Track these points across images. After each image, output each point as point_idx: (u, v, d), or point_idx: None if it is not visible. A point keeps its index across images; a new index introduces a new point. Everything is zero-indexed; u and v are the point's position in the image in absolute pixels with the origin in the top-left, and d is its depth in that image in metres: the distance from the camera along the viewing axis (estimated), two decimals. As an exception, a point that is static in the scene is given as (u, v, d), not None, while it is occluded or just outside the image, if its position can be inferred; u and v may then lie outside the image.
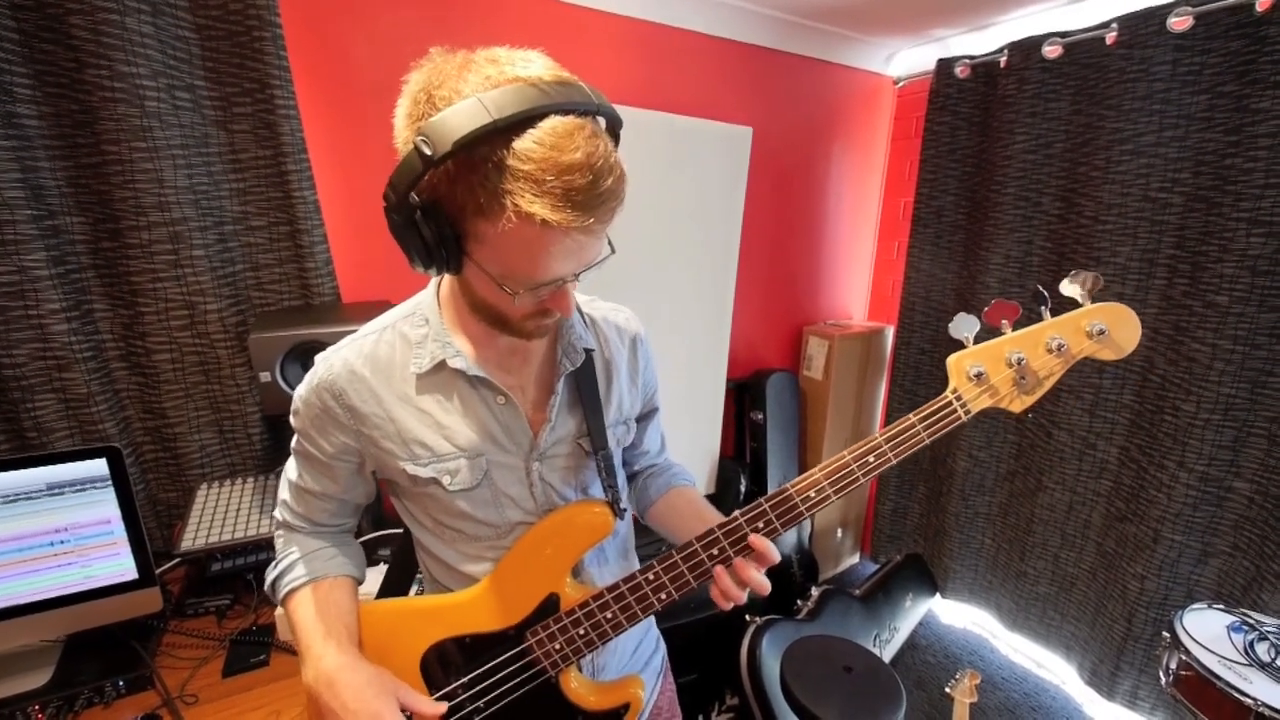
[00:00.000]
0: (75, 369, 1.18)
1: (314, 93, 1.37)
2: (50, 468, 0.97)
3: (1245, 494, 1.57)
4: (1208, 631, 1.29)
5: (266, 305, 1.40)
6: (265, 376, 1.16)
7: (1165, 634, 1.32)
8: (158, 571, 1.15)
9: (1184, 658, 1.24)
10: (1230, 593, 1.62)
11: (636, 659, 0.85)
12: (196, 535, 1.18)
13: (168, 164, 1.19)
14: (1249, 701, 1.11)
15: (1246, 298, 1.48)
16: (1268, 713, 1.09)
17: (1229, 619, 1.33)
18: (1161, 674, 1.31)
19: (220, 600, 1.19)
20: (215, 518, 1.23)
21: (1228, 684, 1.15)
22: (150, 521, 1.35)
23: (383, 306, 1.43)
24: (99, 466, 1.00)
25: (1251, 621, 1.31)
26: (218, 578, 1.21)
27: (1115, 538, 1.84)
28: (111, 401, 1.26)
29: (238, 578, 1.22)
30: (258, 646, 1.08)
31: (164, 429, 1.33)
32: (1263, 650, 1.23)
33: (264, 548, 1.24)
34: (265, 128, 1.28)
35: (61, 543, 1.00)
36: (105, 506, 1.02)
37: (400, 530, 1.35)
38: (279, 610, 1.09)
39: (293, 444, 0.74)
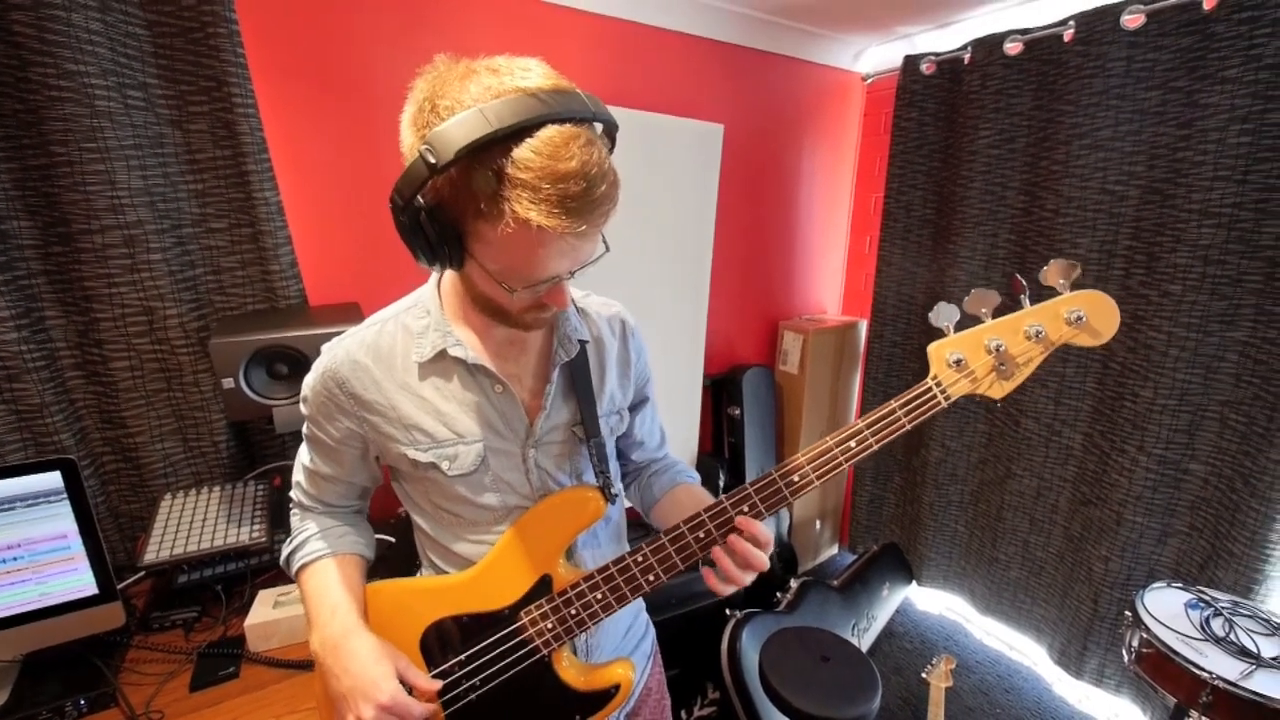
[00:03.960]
0: (27, 379, 1.14)
1: (275, 91, 1.34)
2: (1, 482, 0.93)
3: (1200, 475, 1.63)
4: (1167, 609, 1.34)
5: (230, 309, 1.36)
6: (229, 382, 1.13)
7: (1127, 613, 1.36)
8: (120, 586, 1.12)
9: (1145, 635, 1.28)
10: (1188, 571, 1.68)
11: (628, 641, 0.88)
12: (161, 547, 1.15)
13: (120, 165, 1.15)
14: (1205, 675, 1.15)
15: (1199, 286, 1.53)
16: (1222, 685, 1.13)
17: (1186, 596, 1.38)
18: (1124, 652, 1.36)
19: (187, 613, 1.15)
20: (181, 528, 1.19)
21: (1185, 659, 1.19)
22: (112, 534, 1.31)
23: (352, 309, 1.41)
24: (53, 479, 0.96)
25: (1207, 598, 1.36)
26: (185, 590, 1.18)
27: (1081, 521, 1.89)
28: (67, 412, 1.22)
29: (206, 589, 1.19)
30: (227, 659, 1.05)
31: (124, 439, 1.29)
32: (1217, 625, 1.28)
33: (233, 558, 1.21)
34: (223, 127, 1.25)
35: (15, 559, 0.96)
36: (61, 521, 0.98)
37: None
38: (249, 621, 1.07)
39: (303, 429, 0.77)
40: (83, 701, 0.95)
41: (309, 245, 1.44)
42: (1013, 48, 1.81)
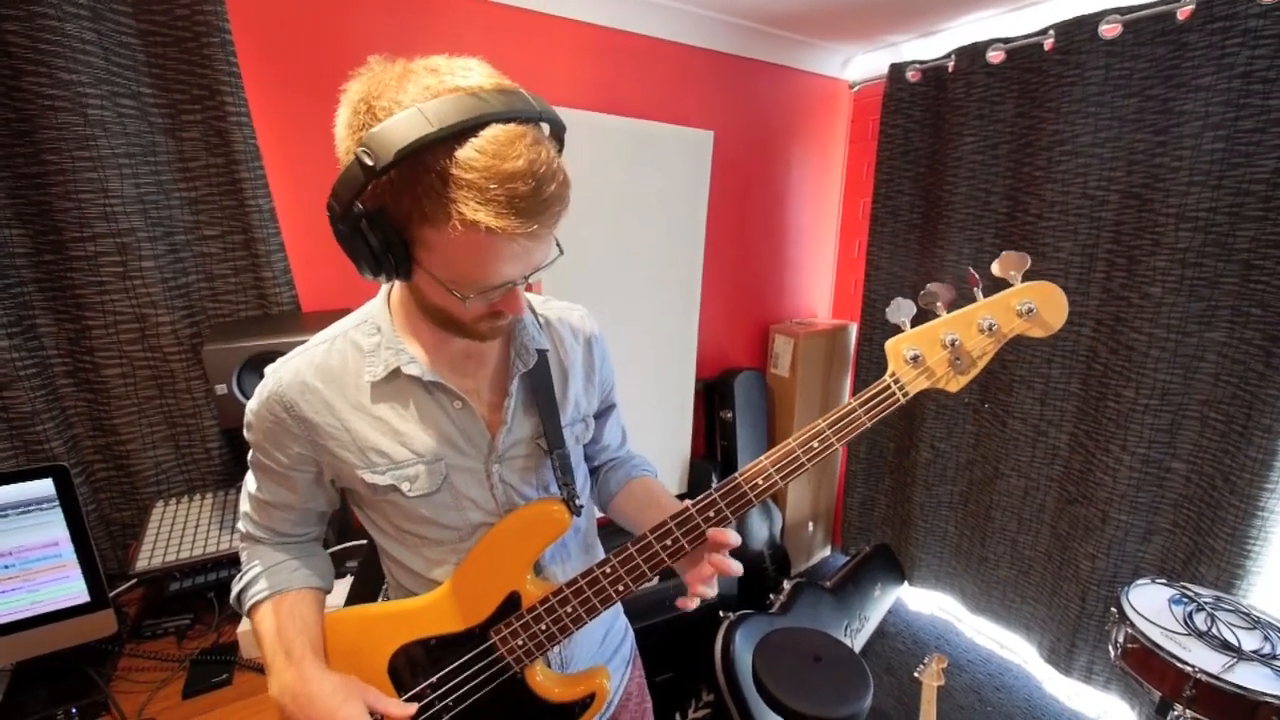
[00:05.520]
0: (17, 386, 1.14)
1: (267, 99, 1.35)
2: (-8, 490, 0.93)
3: (1182, 473, 1.66)
4: (1151, 605, 1.36)
5: (222, 316, 1.37)
6: (221, 389, 1.13)
7: (1113, 609, 1.38)
8: (113, 594, 1.12)
9: (1130, 631, 1.30)
10: (1172, 567, 1.71)
11: (605, 648, 0.87)
12: (153, 554, 1.14)
13: (113, 173, 1.16)
14: (1188, 669, 1.18)
15: (1178, 288, 1.57)
16: (1205, 679, 1.16)
17: (1170, 592, 1.40)
18: (1111, 647, 1.38)
19: (180, 620, 1.15)
20: (173, 536, 1.19)
21: (1169, 653, 1.21)
22: (103, 542, 1.31)
23: (345, 315, 1.41)
24: (45, 487, 0.96)
25: (1190, 594, 1.38)
26: (177, 597, 1.18)
27: (1068, 520, 1.92)
28: (58, 419, 1.22)
29: (199, 596, 1.19)
30: (220, 666, 1.05)
31: (115, 446, 1.29)
32: (1200, 620, 1.30)
33: (226, 564, 1.21)
34: (216, 135, 1.25)
35: (5, 567, 0.96)
36: (53, 528, 0.98)
37: (365, 542, 1.34)
38: (242, 628, 1.07)
39: (249, 457, 0.73)
40: (74, 710, 0.95)
41: (302, 252, 1.44)
42: (995, 56, 1.85)
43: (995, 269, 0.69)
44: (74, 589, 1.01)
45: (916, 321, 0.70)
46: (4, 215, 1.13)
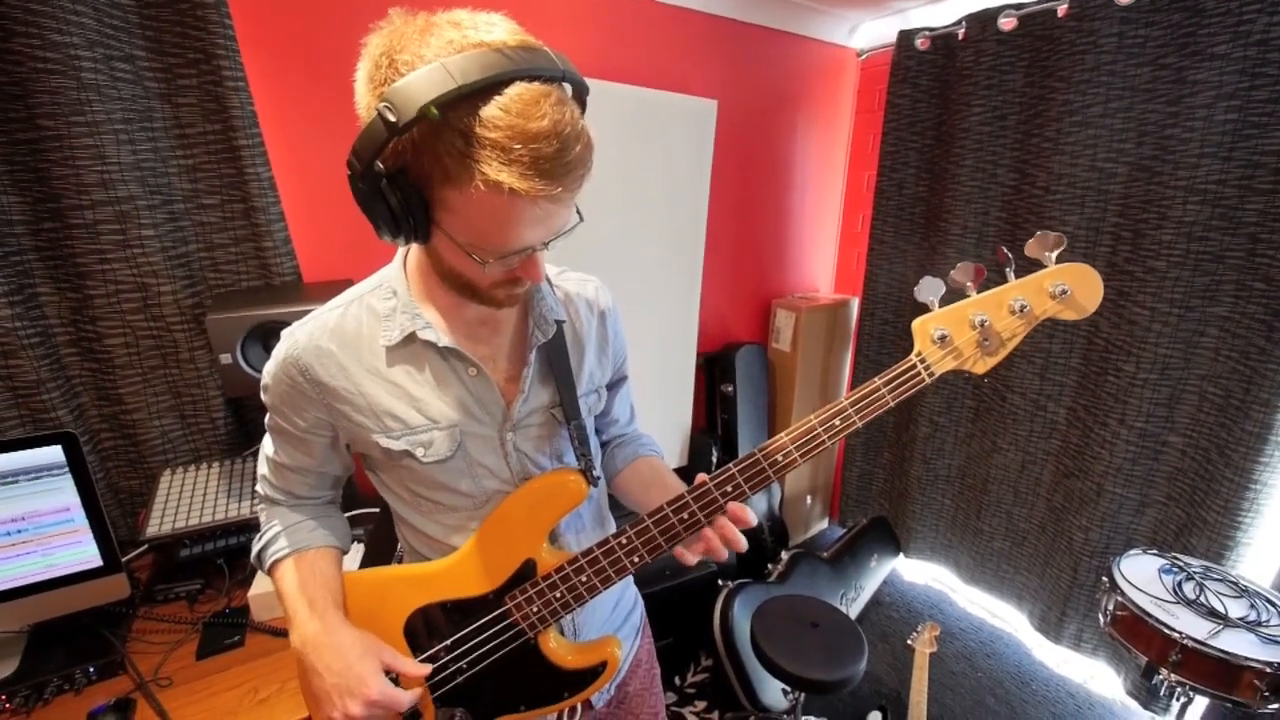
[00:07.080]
0: (21, 355, 1.14)
1: (265, 64, 1.32)
2: (3, 456, 0.94)
3: (1178, 447, 1.68)
4: (1142, 574, 1.39)
5: (224, 286, 1.36)
6: (226, 358, 1.13)
7: (1104, 578, 1.41)
8: (125, 559, 1.14)
9: (1120, 599, 1.33)
10: (1164, 539, 1.74)
11: (615, 616, 0.88)
12: (163, 521, 1.16)
13: (109, 139, 1.14)
14: (1175, 635, 1.21)
15: (1182, 262, 1.56)
16: (1190, 644, 1.19)
17: (1161, 562, 1.43)
18: (1101, 615, 1.41)
19: (191, 585, 1.18)
20: (181, 503, 1.21)
21: (1157, 620, 1.24)
22: (113, 510, 1.33)
23: (347, 285, 1.40)
24: (54, 454, 0.98)
25: (1181, 564, 1.41)
26: (187, 563, 1.20)
27: (1063, 493, 1.95)
28: (64, 388, 1.22)
29: (208, 562, 1.21)
30: (232, 628, 1.08)
31: (121, 415, 1.29)
32: (1189, 589, 1.33)
33: (234, 531, 1.23)
34: (213, 101, 1.23)
35: (19, 532, 0.97)
36: (63, 494, 1.00)
37: (376, 510, 1.36)
38: (252, 591, 1.10)
39: (266, 420, 0.74)
40: (91, 669, 0.97)
41: (302, 221, 1.43)
42: (1006, 23, 1.81)
43: (1029, 249, 0.66)
44: (87, 553, 1.03)
45: (946, 302, 0.68)
46: (1, 182, 1.11)
